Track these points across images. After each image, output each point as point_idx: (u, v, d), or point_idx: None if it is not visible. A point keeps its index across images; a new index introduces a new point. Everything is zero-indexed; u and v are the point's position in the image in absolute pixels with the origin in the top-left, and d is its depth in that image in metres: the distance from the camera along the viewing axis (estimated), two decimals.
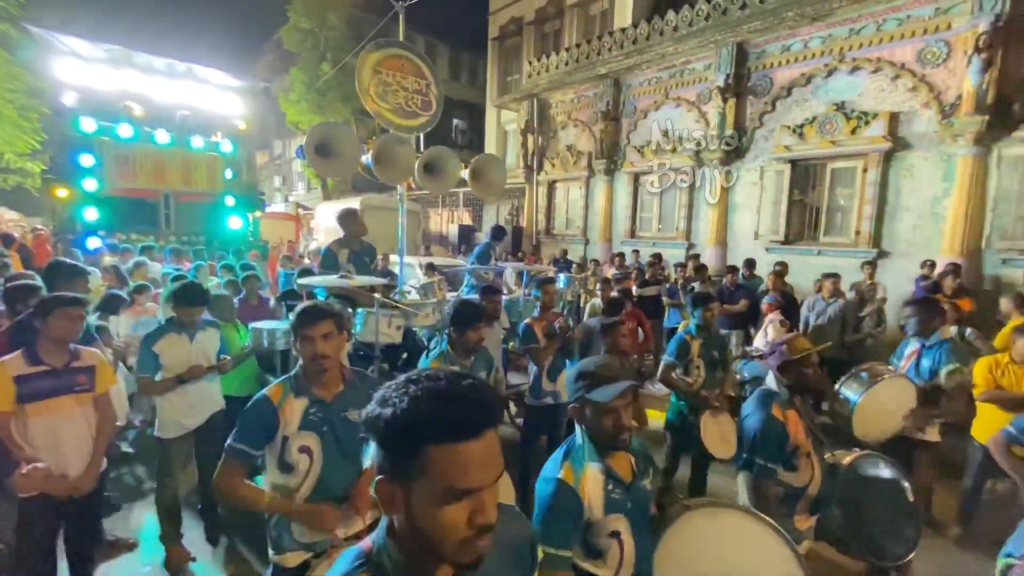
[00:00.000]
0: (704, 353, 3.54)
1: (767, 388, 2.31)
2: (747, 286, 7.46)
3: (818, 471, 2.23)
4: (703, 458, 3.50)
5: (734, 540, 1.58)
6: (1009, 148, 6.80)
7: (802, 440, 2.18)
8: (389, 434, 0.74)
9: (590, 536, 1.49)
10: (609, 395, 1.49)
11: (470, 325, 2.67)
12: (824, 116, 8.40)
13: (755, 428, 2.17)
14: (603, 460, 1.54)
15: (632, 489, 1.56)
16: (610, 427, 1.51)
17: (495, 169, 4.98)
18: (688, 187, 10.53)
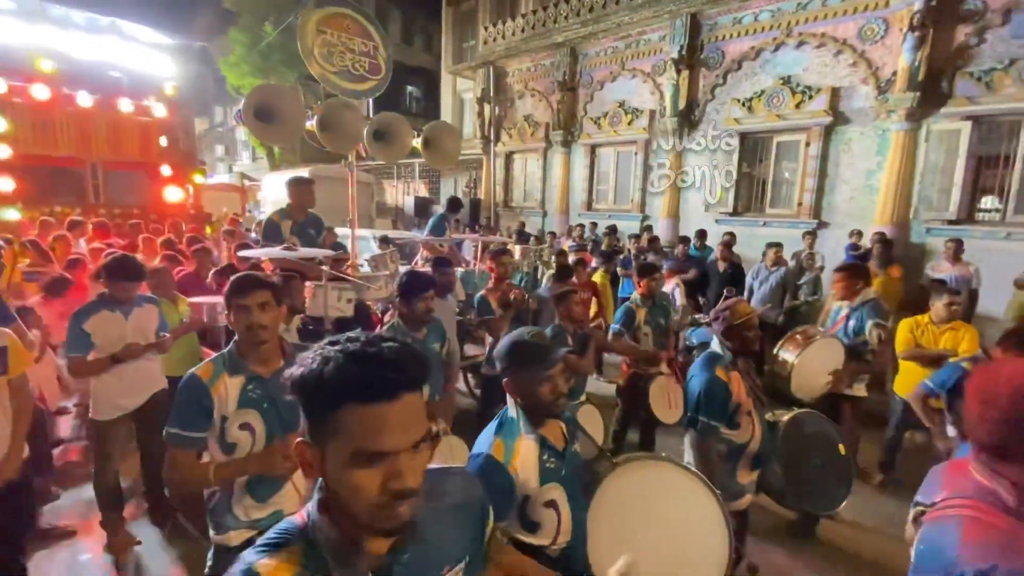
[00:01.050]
0: (650, 320, 3.67)
1: (712, 351, 2.41)
2: (697, 256, 7.72)
3: (759, 429, 2.36)
4: (652, 423, 3.65)
5: (660, 489, 1.64)
6: (937, 124, 7.22)
7: (744, 399, 2.30)
8: (303, 394, 0.73)
9: (528, 509, 1.50)
10: (545, 364, 1.50)
11: (417, 295, 2.64)
12: (771, 90, 8.63)
13: (699, 388, 2.26)
14: (536, 431, 1.54)
15: (566, 456, 1.58)
16: (547, 395, 1.51)
17: (449, 137, 4.86)
18: (643, 161, 10.67)
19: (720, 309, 2.39)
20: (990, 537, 1.00)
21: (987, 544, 0.99)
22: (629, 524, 1.56)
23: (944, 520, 1.10)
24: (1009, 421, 1.02)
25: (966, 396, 1.13)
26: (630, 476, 1.64)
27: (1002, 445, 1.04)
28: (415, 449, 0.74)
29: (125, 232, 8.16)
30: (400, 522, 0.74)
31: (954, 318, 3.91)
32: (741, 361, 2.38)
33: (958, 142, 7.07)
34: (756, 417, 2.36)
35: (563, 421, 1.65)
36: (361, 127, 4.23)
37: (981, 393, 1.08)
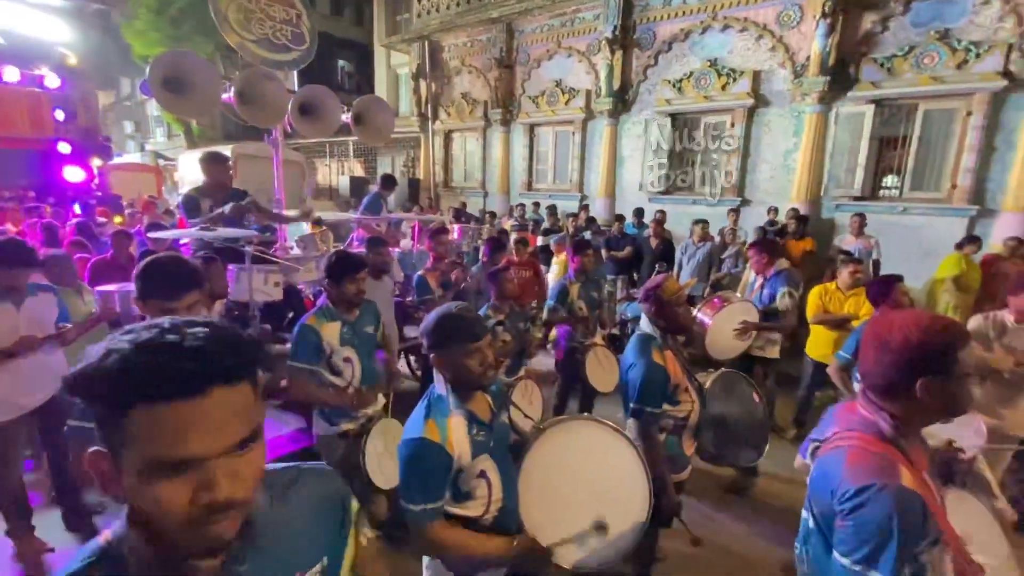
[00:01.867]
0: (584, 295, 3.78)
1: (643, 332, 2.37)
2: (634, 234, 7.99)
3: (697, 402, 2.40)
4: (590, 393, 3.79)
5: (584, 448, 1.72)
6: (844, 107, 7.79)
7: (680, 377, 2.31)
8: (83, 395, 0.61)
9: (461, 482, 1.53)
10: (473, 336, 1.51)
11: (347, 276, 2.54)
12: (699, 72, 8.96)
13: (639, 378, 2.21)
14: (464, 406, 1.56)
15: (493, 427, 1.62)
16: (477, 367, 1.53)
17: (381, 113, 4.70)
18: (581, 140, 10.81)
19: (649, 288, 2.34)
20: (870, 461, 1.14)
21: (867, 466, 1.12)
22: (557, 482, 1.63)
23: (833, 450, 1.23)
24: (898, 363, 1.15)
25: (862, 343, 1.26)
26: (556, 438, 1.70)
27: (890, 384, 1.18)
28: (238, 451, 0.64)
29: (17, 217, 7.33)
30: (220, 540, 0.65)
31: (857, 285, 4.30)
32: (671, 338, 2.37)
33: (862, 124, 7.68)
34: (693, 391, 2.39)
35: (489, 394, 1.67)
36: (285, 100, 4.00)
37: (874, 339, 1.21)
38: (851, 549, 1.09)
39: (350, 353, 2.58)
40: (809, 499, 1.30)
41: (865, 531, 1.08)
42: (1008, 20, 6.58)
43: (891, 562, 1.06)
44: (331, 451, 2.65)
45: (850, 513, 1.10)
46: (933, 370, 1.12)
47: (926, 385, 1.13)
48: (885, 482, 1.08)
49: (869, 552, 1.07)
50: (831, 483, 1.17)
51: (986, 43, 6.71)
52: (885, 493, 1.07)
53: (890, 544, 1.07)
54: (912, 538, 1.07)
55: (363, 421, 2.66)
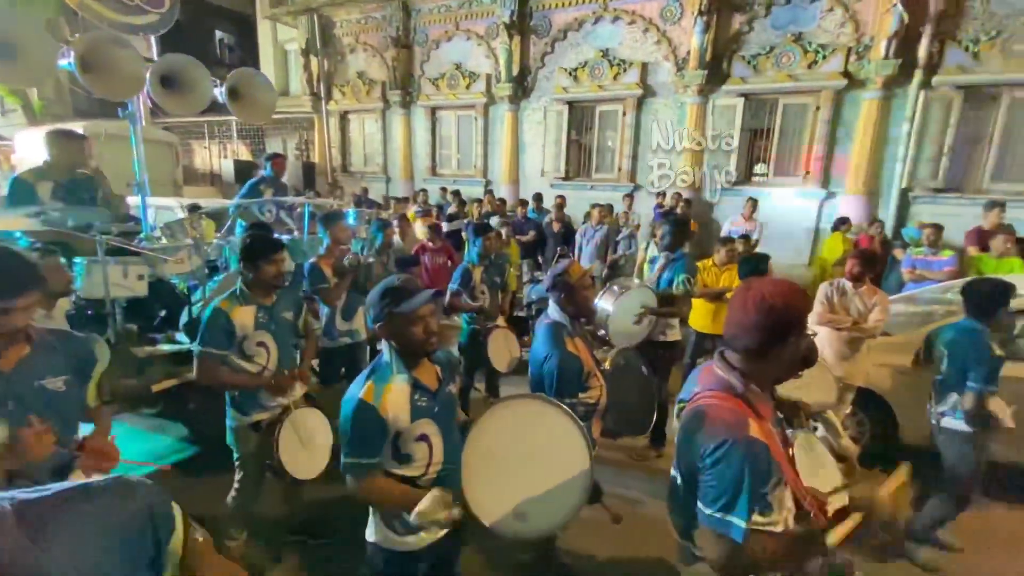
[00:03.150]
0: (486, 279, 3.81)
1: (554, 321, 2.37)
2: (536, 219, 8.17)
3: (603, 385, 2.45)
4: (493, 373, 3.86)
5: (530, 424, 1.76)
6: (719, 99, 8.52)
7: (590, 363, 2.36)
8: None
9: (400, 443, 1.61)
10: (416, 304, 1.58)
11: (264, 257, 2.43)
12: (593, 61, 9.30)
13: (555, 369, 2.20)
14: (410, 372, 1.64)
15: (439, 395, 1.70)
16: (420, 334, 1.61)
17: (261, 89, 4.32)
18: (483, 125, 10.78)
19: (556, 274, 2.36)
20: (724, 416, 1.27)
21: (724, 422, 1.25)
22: (503, 453, 1.66)
23: (694, 409, 1.35)
24: (769, 327, 1.26)
25: (729, 310, 1.37)
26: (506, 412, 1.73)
27: (760, 346, 1.29)
28: None
29: None
30: None
31: (732, 261, 4.77)
32: (578, 324, 2.41)
33: (735, 115, 8.46)
34: (599, 375, 2.46)
35: (437, 364, 1.76)
36: (141, 70, 3.53)
37: (737, 305, 1.33)
38: (713, 498, 1.23)
39: (265, 338, 2.50)
40: (677, 458, 1.42)
41: (724, 482, 1.22)
42: (848, 26, 7.56)
43: (745, 504, 1.21)
44: (244, 442, 2.55)
45: (711, 468, 1.23)
46: (796, 332, 1.27)
47: (780, 348, 1.28)
48: (737, 436, 1.22)
49: (728, 500, 1.21)
50: (694, 441, 1.30)
51: (831, 46, 7.67)
52: (738, 446, 1.21)
53: (743, 490, 1.21)
54: (759, 481, 1.23)
55: (279, 411, 2.56)
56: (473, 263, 3.82)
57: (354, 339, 3.68)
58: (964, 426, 2.75)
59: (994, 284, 2.81)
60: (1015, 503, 3.09)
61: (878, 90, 7.43)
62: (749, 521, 1.20)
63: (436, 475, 1.68)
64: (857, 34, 7.52)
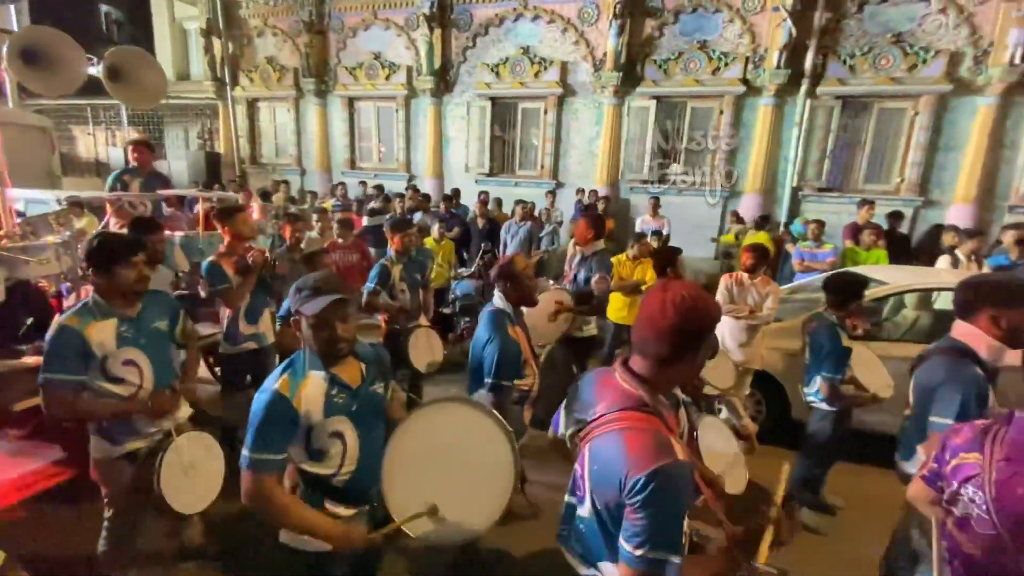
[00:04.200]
0: (406, 276, 3.71)
1: (496, 308, 2.45)
2: (460, 214, 8.11)
3: (537, 373, 2.54)
4: (418, 375, 3.75)
5: (455, 427, 1.72)
6: (634, 101, 8.91)
7: (528, 351, 2.44)
8: None
9: (312, 438, 1.56)
10: (317, 307, 1.51)
11: (117, 261, 2.07)
12: (514, 58, 9.37)
13: (496, 353, 2.26)
14: (327, 368, 1.59)
15: (359, 393, 1.64)
16: (324, 338, 1.55)
17: (147, 69, 3.91)
18: (405, 118, 10.52)
19: (502, 265, 2.46)
20: (648, 443, 1.11)
21: (648, 448, 1.10)
22: (426, 454, 1.62)
23: (607, 436, 1.18)
24: (676, 329, 1.16)
25: (638, 318, 1.24)
26: (432, 416, 1.69)
27: (673, 354, 1.19)
28: None
29: None
30: None
31: (643, 256, 5.00)
32: (519, 313, 2.48)
33: (648, 117, 8.88)
34: (533, 363, 2.55)
35: (364, 361, 1.70)
36: None
37: (654, 308, 1.19)
38: (645, 540, 1.07)
39: (134, 355, 2.15)
40: (588, 490, 1.24)
41: (658, 519, 1.07)
42: (745, 37, 8.17)
43: (678, 533, 1.10)
44: (114, 477, 2.19)
45: (641, 505, 1.07)
46: (700, 340, 1.19)
47: (693, 353, 1.20)
48: (667, 464, 1.07)
49: (664, 538, 1.08)
50: (616, 473, 1.12)
51: (731, 54, 8.25)
52: (670, 476, 1.07)
53: (678, 519, 1.11)
54: (689, 501, 1.17)
55: (159, 437, 2.24)
56: (392, 260, 3.70)
57: (260, 343, 3.43)
58: (828, 406, 3.08)
59: (849, 279, 3.13)
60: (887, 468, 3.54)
61: (772, 97, 8.11)
62: (681, 552, 1.10)
63: (350, 475, 1.62)
64: (754, 44, 8.15)
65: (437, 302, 6.42)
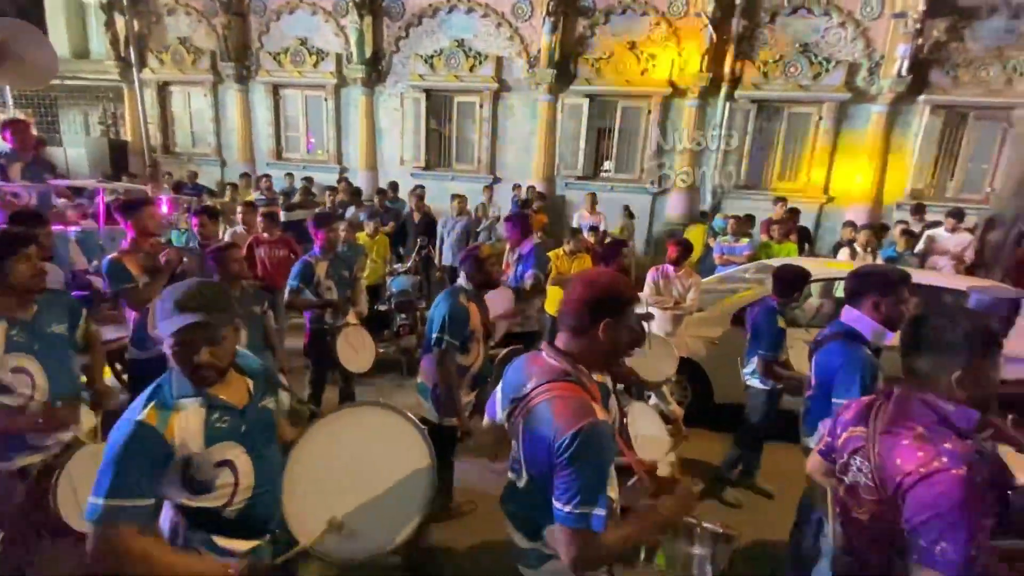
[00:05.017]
0: (332, 273, 3.57)
1: (457, 285, 2.76)
2: (395, 208, 7.91)
3: (482, 354, 2.78)
4: (349, 376, 3.63)
5: (365, 435, 1.66)
6: (568, 98, 9.08)
7: (478, 326, 2.67)
8: None
9: (193, 472, 1.35)
10: (172, 327, 1.29)
11: (8, 254, 1.90)
12: (449, 51, 9.25)
13: (444, 312, 2.56)
14: (203, 392, 1.37)
15: (248, 412, 1.46)
16: (185, 363, 1.32)
17: (32, 45, 3.49)
18: (335, 108, 10.11)
19: (469, 250, 2.81)
20: (572, 406, 1.24)
21: (572, 412, 1.22)
22: (332, 475, 1.53)
23: (538, 406, 1.29)
24: (581, 300, 1.32)
25: (564, 295, 1.40)
26: (336, 424, 1.61)
27: (576, 324, 1.33)
28: None
29: None
30: None
31: (579, 250, 5.12)
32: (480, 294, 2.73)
33: (582, 114, 9.08)
34: (482, 344, 2.76)
35: (250, 376, 1.51)
36: None
37: (569, 287, 1.37)
38: (574, 493, 1.18)
39: (25, 362, 1.95)
40: (523, 461, 1.35)
41: (584, 474, 1.18)
42: (671, 40, 8.54)
43: (604, 491, 1.20)
44: (3, 496, 1.99)
45: (569, 462, 1.18)
46: (610, 312, 1.30)
47: (606, 326, 1.31)
48: (588, 422, 1.20)
49: (589, 491, 1.18)
50: (546, 439, 1.23)
51: (658, 56, 8.59)
52: (592, 433, 1.19)
53: (601, 474, 1.21)
54: (610, 458, 1.27)
55: (55, 451, 2.03)
56: (316, 257, 3.54)
57: None
58: (762, 385, 3.31)
59: (795, 271, 3.37)
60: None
61: (696, 99, 8.54)
62: (607, 507, 1.20)
63: (245, 502, 1.43)
64: (679, 47, 8.53)
65: (373, 299, 6.26)
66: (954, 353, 1.25)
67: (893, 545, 1.30)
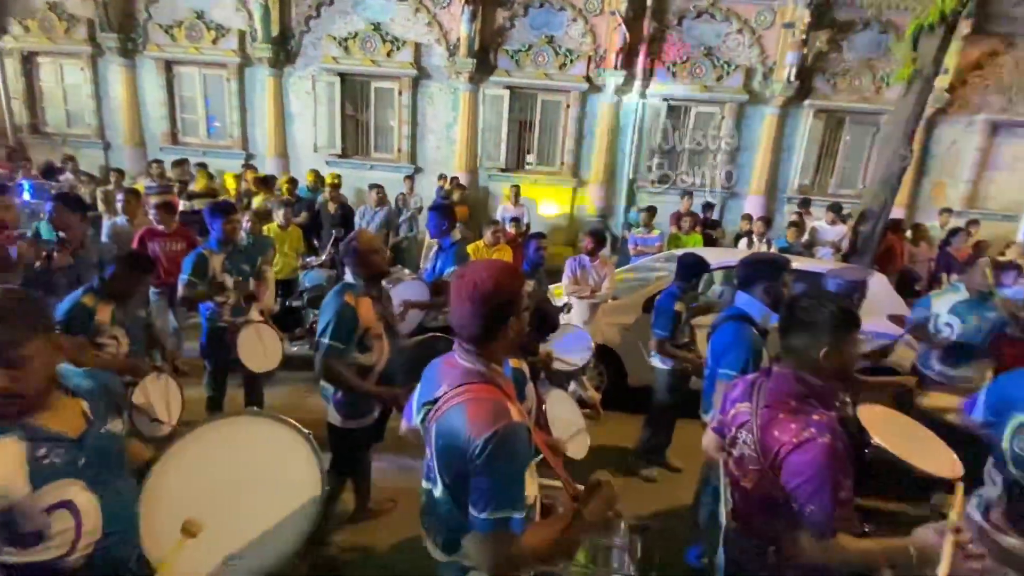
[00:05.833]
0: (230, 267, 3.30)
1: (345, 282, 2.56)
2: (308, 198, 7.50)
3: (387, 351, 2.54)
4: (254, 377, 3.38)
5: (239, 447, 1.52)
6: (489, 89, 9.04)
7: (373, 322, 2.44)
8: None
9: (17, 523, 1.14)
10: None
11: None
12: (364, 34, 8.86)
13: (329, 314, 2.36)
14: (20, 424, 1.16)
15: (86, 441, 1.26)
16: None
17: None
18: (238, 89, 9.35)
19: (347, 242, 2.53)
20: (486, 408, 1.19)
21: (486, 415, 1.18)
22: (201, 499, 1.37)
23: (450, 410, 1.23)
24: (476, 314, 1.23)
25: (452, 298, 1.28)
26: (206, 439, 1.46)
27: (479, 334, 1.26)
28: None
29: None
30: None
31: (498, 242, 5.13)
32: (371, 287, 2.51)
33: (502, 106, 9.09)
34: (386, 340, 2.53)
35: (86, 397, 1.30)
36: None
37: (455, 295, 1.26)
38: (490, 499, 1.15)
39: None
40: (438, 468, 1.27)
41: (501, 478, 1.16)
42: (588, 37, 8.75)
43: (521, 493, 1.20)
44: None
45: (485, 466, 1.14)
46: (510, 313, 1.27)
47: (508, 325, 1.27)
48: (504, 424, 1.16)
49: (506, 494, 1.16)
50: (459, 443, 1.18)
51: (576, 52, 8.78)
52: (507, 435, 1.15)
53: (518, 478, 1.19)
54: (527, 460, 1.24)
55: None
56: (212, 250, 3.25)
57: None
58: (663, 365, 3.50)
59: (695, 259, 3.57)
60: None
61: (611, 95, 8.84)
62: (525, 509, 1.18)
63: (94, 546, 1.24)
64: (595, 44, 8.77)
65: (285, 294, 5.89)
66: (821, 332, 1.38)
67: (774, 510, 1.42)
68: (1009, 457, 1.66)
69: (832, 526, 1.30)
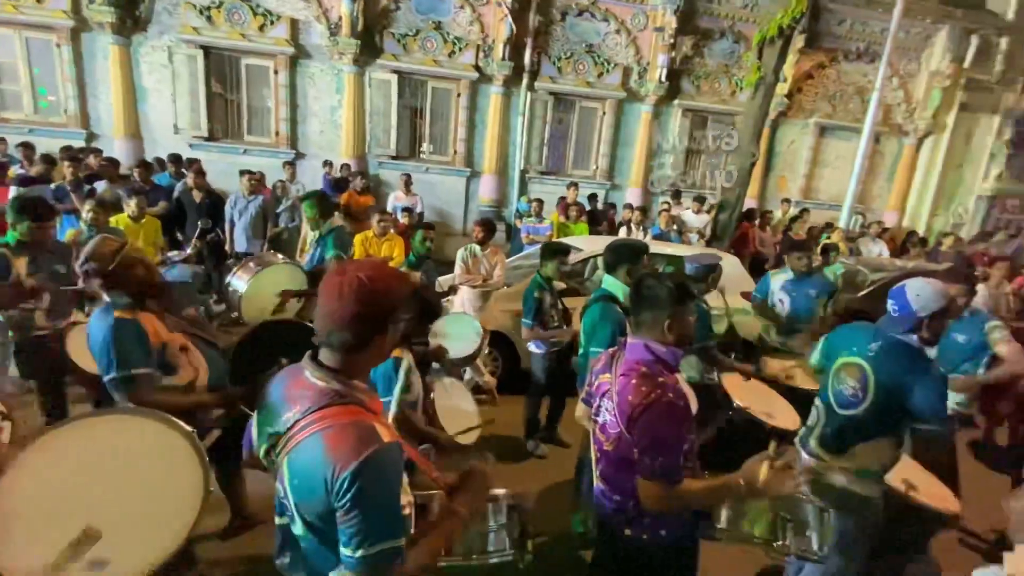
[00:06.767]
0: (44, 267, 2.83)
1: (106, 302, 2.02)
2: (166, 186, 6.69)
3: (204, 362, 2.18)
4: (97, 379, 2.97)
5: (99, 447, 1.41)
6: (375, 73, 8.70)
7: (171, 336, 2.06)
8: None
9: None
10: None
11: None
12: (230, 4, 8.04)
13: (101, 340, 1.90)
14: None
15: None
16: None
17: None
18: (72, 58, 8.02)
19: (86, 253, 1.94)
20: (350, 435, 1.03)
21: (350, 442, 1.02)
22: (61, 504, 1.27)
23: (306, 442, 1.06)
24: (359, 317, 1.08)
25: (320, 299, 1.12)
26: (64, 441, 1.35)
27: (353, 343, 1.11)
28: None
29: None
30: None
31: (387, 232, 5.00)
32: (150, 301, 2.05)
33: (390, 91, 8.80)
34: (197, 350, 2.16)
35: None
36: None
37: (332, 295, 1.09)
38: (367, 535, 1.01)
39: None
40: (294, 506, 1.10)
41: (376, 510, 1.02)
42: (476, 25, 8.75)
43: (397, 517, 1.06)
44: None
45: (353, 501, 0.99)
46: (391, 321, 1.14)
47: (384, 335, 1.14)
48: (372, 450, 1.02)
49: (383, 527, 1.03)
50: (320, 478, 1.02)
51: (465, 40, 8.75)
52: (374, 464, 1.01)
53: (394, 504, 1.06)
54: (399, 482, 1.10)
55: None
56: (11, 246, 2.75)
57: None
58: (538, 349, 3.68)
59: (556, 247, 3.70)
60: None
61: (501, 86, 8.96)
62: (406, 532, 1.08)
63: None
64: (483, 34, 8.81)
65: None
66: (664, 306, 1.55)
67: (632, 468, 1.57)
68: (831, 392, 2.08)
69: (680, 475, 1.48)
